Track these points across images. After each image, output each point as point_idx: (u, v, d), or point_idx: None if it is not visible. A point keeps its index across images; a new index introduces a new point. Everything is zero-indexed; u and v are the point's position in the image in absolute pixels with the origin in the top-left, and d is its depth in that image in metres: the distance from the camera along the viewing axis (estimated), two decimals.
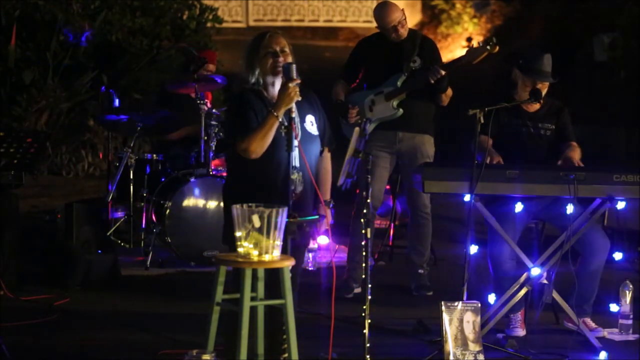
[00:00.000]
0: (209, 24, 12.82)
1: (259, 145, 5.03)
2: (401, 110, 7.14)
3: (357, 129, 5.30)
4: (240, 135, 5.04)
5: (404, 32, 7.19)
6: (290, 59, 5.14)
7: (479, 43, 7.07)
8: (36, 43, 11.29)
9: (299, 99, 5.03)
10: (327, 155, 5.37)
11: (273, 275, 4.76)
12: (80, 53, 11.40)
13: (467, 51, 7.10)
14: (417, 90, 7.15)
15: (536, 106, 6.49)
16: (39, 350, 5.97)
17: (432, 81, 6.99)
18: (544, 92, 6.42)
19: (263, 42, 5.16)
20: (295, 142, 4.98)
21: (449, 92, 7.22)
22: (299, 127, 5.12)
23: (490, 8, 19.98)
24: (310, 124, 5.21)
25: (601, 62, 15.33)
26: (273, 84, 5.15)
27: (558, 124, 6.53)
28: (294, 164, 5.00)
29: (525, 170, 6.03)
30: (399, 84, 7.13)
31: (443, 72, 6.98)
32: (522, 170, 6.02)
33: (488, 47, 6.90)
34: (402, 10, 7.24)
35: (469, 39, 19.28)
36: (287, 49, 5.18)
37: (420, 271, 7.39)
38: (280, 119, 5.02)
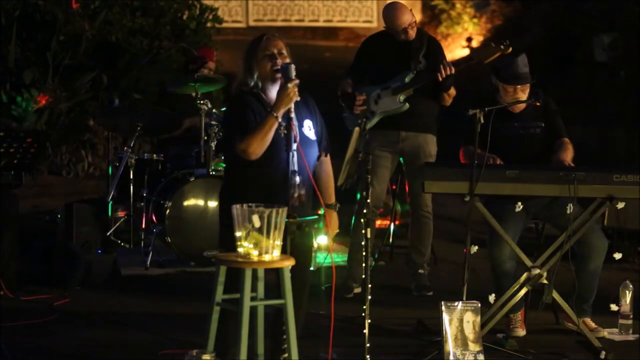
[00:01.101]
0: (209, 24, 12.81)
1: (259, 146, 5.02)
2: (407, 105, 7.12)
3: (357, 129, 5.29)
4: (239, 136, 5.03)
5: (413, 34, 7.19)
6: (288, 61, 5.13)
7: (492, 43, 7.04)
8: (36, 43, 11.29)
9: (298, 98, 5.02)
10: (327, 159, 5.36)
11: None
12: (80, 53, 11.40)
13: (479, 49, 7.09)
14: (421, 89, 7.14)
15: (522, 106, 6.48)
16: (39, 350, 5.97)
17: (441, 78, 6.96)
18: (525, 92, 6.41)
19: (260, 45, 5.15)
20: (294, 145, 4.98)
21: (452, 91, 7.21)
22: (298, 131, 5.11)
23: (490, 8, 19.98)
24: (308, 128, 5.20)
25: (601, 62, 15.32)
26: (272, 88, 5.14)
27: (547, 121, 6.52)
28: (293, 168, 4.98)
29: (525, 170, 6.02)
30: (407, 80, 7.12)
31: (452, 69, 6.97)
32: (522, 170, 6.02)
33: (502, 47, 6.89)
34: (411, 11, 7.23)
35: (469, 39, 19.29)
36: (284, 51, 5.17)
37: (421, 271, 7.40)
38: (280, 120, 5.02)
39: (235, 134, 5.05)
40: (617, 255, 6.52)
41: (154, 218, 8.10)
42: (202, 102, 8.14)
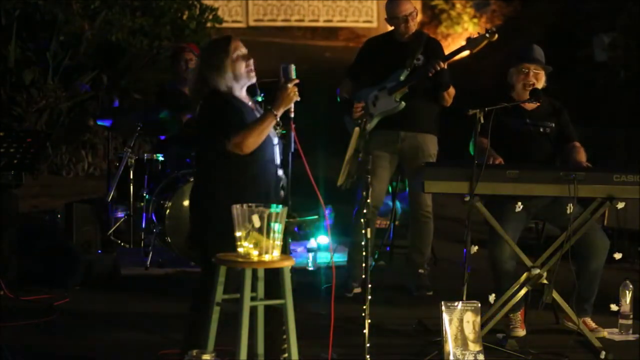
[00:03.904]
0: (209, 24, 12.83)
1: (254, 141, 5.02)
2: (403, 103, 7.14)
3: (357, 129, 5.31)
4: (234, 131, 5.02)
5: (413, 26, 7.22)
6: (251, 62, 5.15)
7: (478, 33, 7.10)
8: (36, 43, 11.29)
9: (299, 99, 5.03)
10: None
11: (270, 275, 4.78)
12: (80, 53, 11.40)
13: (467, 40, 7.12)
14: (420, 88, 7.15)
15: (533, 104, 6.49)
16: (39, 350, 5.97)
17: (431, 74, 6.99)
18: (540, 83, 6.44)
19: (231, 46, 5.14)
20: (275, 141, 5.00)
21: (452, 91, 7.22)
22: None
23: (490, 8, 19.97)
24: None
25: (601, 62, 15.32)
26: (241, 88, 5.14)
27: (559, 124, 6.54)
28: (276, 162, 5.03)
29: (525, 170, 6.02)
30: (401, 78, 7.14)
31: (443, 64, 6.99)
32: (522, 170, 6.02)
33: (487, 35, 6.93)
34: (415, 6, 7.30)
35: (469, 39, 19.26)
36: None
37: (421, 271, 7.39)
38: (278, 119, 5.02)
39: (229, 128, 5.03)
40: (617, 255, 6.52)
41: (154, 218, 8.09)
42: None
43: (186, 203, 7.94)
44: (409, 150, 7.28)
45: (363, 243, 5.31)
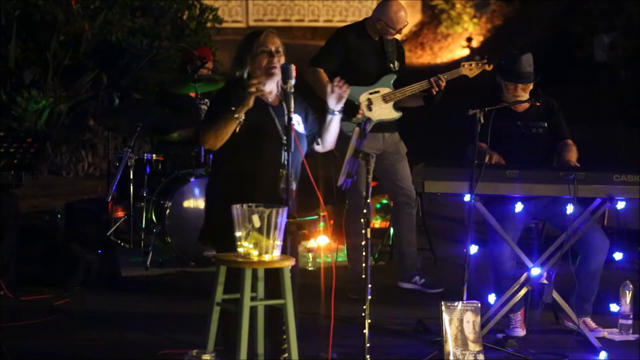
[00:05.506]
0: (209, 24, 12.84)
1: (211, 138, 5.01)
2: (401, 113, 7.19)
3: (357, 129, 5.29)
4: (201, 125, 5.05)
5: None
6: (283, 60, 5.13)
7: (481, 57, 7.18)
8: (36, 43, 11.30)
9: (258, 93, 4.98)
10: None
11: (271, 275, 4.77)
12: (80, 53, 11.41)
13: (462, 67, 7.20)
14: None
15: (526, 105, 6.49)
16: (39, 350, 5.97)
17: (435, 91, 7.06)
18: (527, 91, 6.44)
19: (258, 40, 5.15)
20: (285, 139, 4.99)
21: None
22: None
23: (490, 8, 19.99)
24: (297, 123, 5.18)
25: (601, 62, 15.34)
26: (265, 82, 5.13)
27: (550, 122, 6.53)
28: (283, 162, 5.00)
29: (525, 170, 6.03)
30: (392, 82, 7.19)
31: (444, 82, 7.09)
32: (522, 170, 6.02)
33: (484, 64, 7.08)
34: None
35: (469, 39, 19.28)
36: (281, 49, 5.16)
37: (418, 265, 7.35)
38: (241, 120, 4.99)
39: (202, 122, 5.10)
40: (617, 255, 6.51)
41: (154, 218, 8.10)
42: (202, 102, 8.15)
43: (186, 203, 7.95)
44: (389, 149, 7.29)
45: (363, 243, 5.31)
